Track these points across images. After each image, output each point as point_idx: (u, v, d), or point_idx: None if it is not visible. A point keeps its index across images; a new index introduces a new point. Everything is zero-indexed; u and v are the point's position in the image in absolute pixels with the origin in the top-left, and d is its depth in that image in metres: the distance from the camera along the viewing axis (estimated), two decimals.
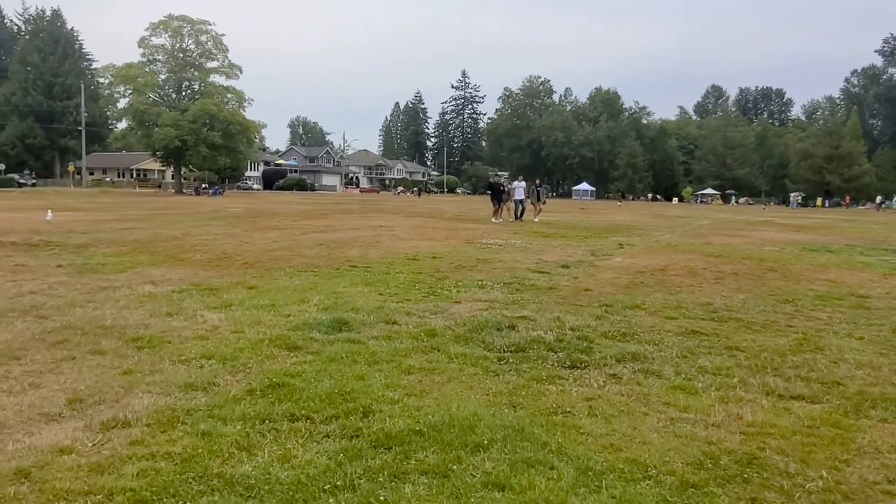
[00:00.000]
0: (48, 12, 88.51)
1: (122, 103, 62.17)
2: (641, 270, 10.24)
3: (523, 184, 25.89)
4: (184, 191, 66.08)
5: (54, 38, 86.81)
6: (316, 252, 12.24)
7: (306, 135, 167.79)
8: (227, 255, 11.77)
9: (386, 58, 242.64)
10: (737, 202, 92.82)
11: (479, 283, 8.65)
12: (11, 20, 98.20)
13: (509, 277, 9.21)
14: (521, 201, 24.85)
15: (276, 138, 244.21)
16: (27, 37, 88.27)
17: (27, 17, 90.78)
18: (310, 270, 9.63)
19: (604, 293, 8.12)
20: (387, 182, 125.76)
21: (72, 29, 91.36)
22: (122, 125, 67.82)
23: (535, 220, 24.19)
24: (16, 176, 77.62)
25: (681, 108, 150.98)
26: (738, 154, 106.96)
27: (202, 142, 60.04)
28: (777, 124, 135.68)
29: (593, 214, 34.84)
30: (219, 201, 43.15)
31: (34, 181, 79.26)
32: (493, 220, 23.46)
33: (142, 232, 16.35)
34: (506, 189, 25.00)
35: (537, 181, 28.65)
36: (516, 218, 24.21)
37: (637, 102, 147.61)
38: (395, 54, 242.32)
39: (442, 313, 6.66)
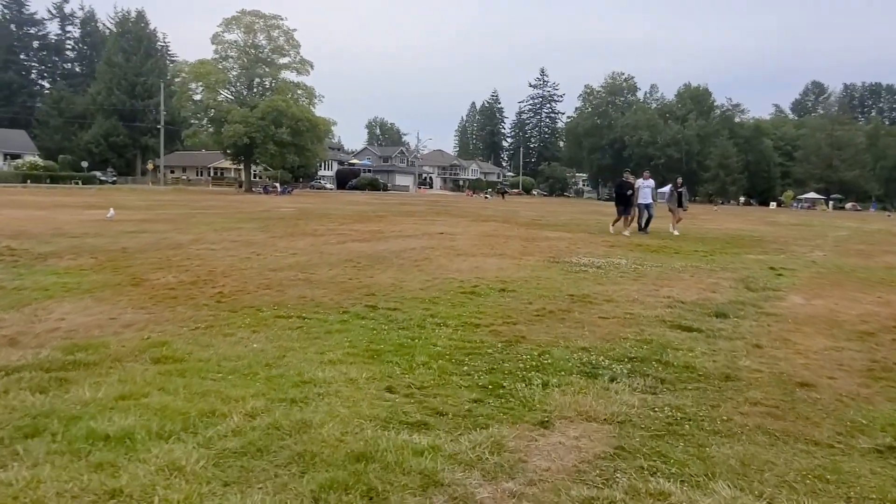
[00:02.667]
0: (133, 13, 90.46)
1: (195, 101, 61.30)
2: (867, 330, 5.89)
3: (651, 182, 19.21)
4: (253, 189, 64.79)
5: (137, 38, 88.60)
6: (334, 274, 8.55)
7: (383, 135, 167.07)
8: (211, 276, 8.28)
9: (463, 57, 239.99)
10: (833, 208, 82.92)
11: (584, 357, 4.65)
12: (104, 24, 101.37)
13: (634, 342, 5.16)
14: (648, 206, 18.85)
15: (355, 139, 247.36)
16: (113, 38, 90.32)
17: (116, 19, 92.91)
18: (298, 315, 5.90)
19: (846, 396, 3.96)
20: (461, 183, 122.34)
21: (154, 29, 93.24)
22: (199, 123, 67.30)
23: (674, 231, 18.70)
24: (98, 173, 79.35)
25: (776, 106, 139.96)
26: (847, 155, 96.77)
27: (270, 139, 58.41)
28: (888, 123, 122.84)
29: (695, 220, 29.75)
30: (279, 200, 40.77)
31: (115, 178, 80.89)
32: (611, 229, 18.08)
33: (146, 237, 13.27)
34: (634, 191, 18.52)
35: (678, 180, 20.81)
36: (640, 228, 18.36)
37: (730, 99, 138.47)
38: (473, 54, 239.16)
39: (511, 477, 2.74)
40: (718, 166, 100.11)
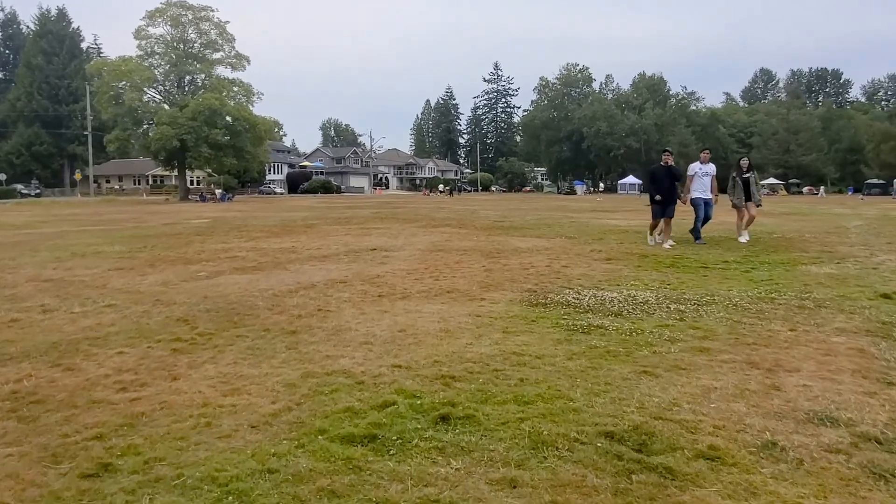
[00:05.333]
0: (53, 12, 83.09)
1: (117, 102, 55.10)
2: None
3: (711, 168, 12.85)
4: (189, 197, 59.10)
5: (59, 38, 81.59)
6: (111, 369, 4.19)
7: (338, 137, 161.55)
8: None
9: (417, 55, 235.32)
10: (816, 192, 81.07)
11: None
12: (28, 26, 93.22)
13: None
14: (707, 204, 12.71)
15: (309, 142, 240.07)
16: (32, 39, 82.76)
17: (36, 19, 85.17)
18: None
19: None
20: (417, 182, 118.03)
21: (78, 28, 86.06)
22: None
23: (743, 239, 12.93)
24: (19, 186, 72.33)
25: (727, 94, 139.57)
26: (804, 139, 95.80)
27: (203, 141, 52.94)
28: (835, 107, 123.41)
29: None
30: (208, 209, 35.75)
31: (38, 191, 73.84)
32: (650, 239, 12.57)
33: None
34: (681, 179, 12.59)
35: (743, 162, 13.54)
36: (696, 237, 12.67)
37: (685, 87, 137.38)
38: (427, 51, 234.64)
39: None
40: (678, 155, 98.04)
